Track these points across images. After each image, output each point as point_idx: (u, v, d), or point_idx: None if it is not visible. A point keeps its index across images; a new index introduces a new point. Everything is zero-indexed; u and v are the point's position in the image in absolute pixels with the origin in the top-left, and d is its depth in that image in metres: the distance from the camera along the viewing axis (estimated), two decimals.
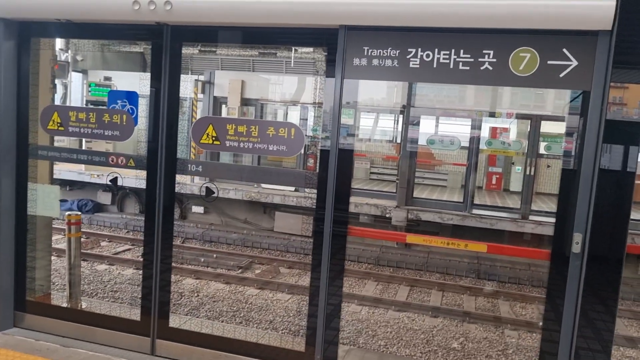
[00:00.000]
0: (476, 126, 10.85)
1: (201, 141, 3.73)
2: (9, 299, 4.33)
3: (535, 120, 10.73)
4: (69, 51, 13.78)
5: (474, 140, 10.75)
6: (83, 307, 5.34)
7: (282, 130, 3.55)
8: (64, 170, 12.16)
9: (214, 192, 4.05)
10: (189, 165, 3.90)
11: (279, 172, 5.12)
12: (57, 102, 13.23)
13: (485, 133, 11.37)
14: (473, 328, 7.10)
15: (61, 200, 12.20)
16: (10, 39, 4.06)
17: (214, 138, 3.69)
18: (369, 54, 3.31)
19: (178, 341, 3.97)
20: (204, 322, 5.81)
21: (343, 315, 7.18)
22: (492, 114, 11.38)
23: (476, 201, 10.94)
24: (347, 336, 6.57)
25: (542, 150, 11.36)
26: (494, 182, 12.89)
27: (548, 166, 12.95)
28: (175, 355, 3.95)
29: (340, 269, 3.64)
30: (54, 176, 4.94)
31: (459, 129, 12.06)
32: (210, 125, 3.71)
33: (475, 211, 10.44)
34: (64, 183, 12.49)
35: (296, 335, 6.01)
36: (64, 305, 5.10)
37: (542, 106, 11.77)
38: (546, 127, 10.95)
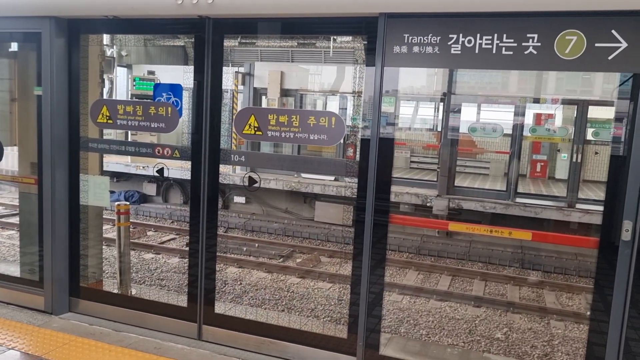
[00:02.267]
0: (519, 113, 10.58)
1: (244, 132, 3.80)
2: (64, 285, 4.55)
3: (582, 106, 10.37)
4: (114, 47, 14.19)
5: (517, 128, 10.49)
6: (133, 293, 5.55)
7: (322, 120, 3.57)
8: (111, 162, 12.60)
9: (256, 182, 4.13)
10: (232, 156, 3.98)
11: (320, 161, 5.15)
12: (104, 96, 13.67)
13: (529, 120, 11.07)
14: (517, 318, 6.98)
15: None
16: (61, 37, 4.23)
17: (256, 128, 3.75)
18: (409, 41, 3.28)
19: (223, 327, 4.08)
20: (248, 309, 5.95)
21: (385, 304, 7.19)
22: (536, 100, 11.06)
23: (520, 189, 10.69)
24: (389, 325, 6.58)
25: (589, 137, 10.97)
26: (538, 169, 12.55)
27: (596, 153, 12.51)
28: (221, 341, 4.06)
29: (382, 257, 3.65)
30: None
31: (502, 116, 11.78)
32: (252, 116, 3.77)
33: (518, 199, 10.21)
34: (111, 175, 12.93)
35: (337, 323, 6.06)
36: (115, 291, 5.31)
37: (589, 91, 11.35)
38: (594, 112, 10.57)
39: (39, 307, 4.51)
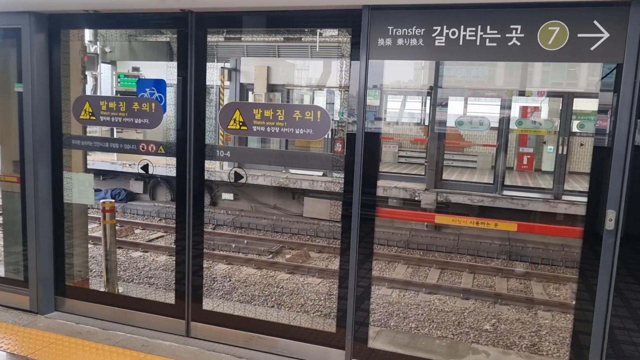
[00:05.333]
0: (506, 106, 10.65)
1: (229, 127, 3.77)
2: (50, 284, 4.50)
3: (568, 98, 10.46)
4: (98, 43, 14.03)
5: (504, 121, 10.56)
6: (120, 291, 5.51)
7: (308, 114, 3.56)
8: (97, 160, 12.47)
9: (242, 177, 4.10)
10: (217, 151, 3.95)
11: (307, 155, 5.16)
12: (88, 93, 13.51)
13: (515, 113, 11.14)
14: (505, 310, 7.04)
15: (95, 190, 12.56)
16: (41, 32, 4.17)
17: (241, 123, 3.73)
18: (394, 33, 3.27)
19: (212, 323, 4.07)
20: (236, 305, 5.93)
21: (374, 298, 7.21)
22: (522, 93, 11.14)
23: (507, 182, 10.78)
24: (379, 318, 6.60)
25: (574, 129, 11.07)
26: (525, 162, 12.65)
27: (581, 144, 12.64)
28: (210, 337, 4.05)
29: (369, 251, 3.65)
30: (88, 166, 5.08)
31: (489, 110, 11.85)
32: (237, 111, 3.75)
33: (505, 192, 10.29)
34: (97, 173, 12.80)
35: (327, 318, 6.07)
36: (102, 290, 5.26)
37: (574, 83, 11.45)
38: (579, 104, 10.66)
39: (24, 307, 4.46)
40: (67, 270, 4.55)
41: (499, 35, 3.08)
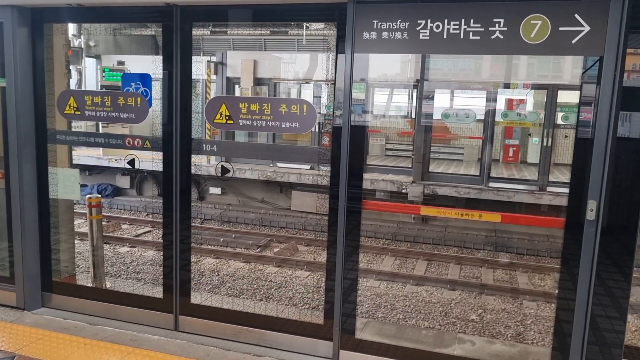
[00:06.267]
0: (492, 98, 10.73)
1: (215, 121, 3.77)
2: (36, 280, 4.48)
3: (552, 90, 10.56)
4: (82, 37, 13.86)
5: (490, 113, 10.64)
6: (107, 287, 5.50)
7: (294, 107, 3.57)
8: (83, 155, 12.36)
9: (229, 171, 4.11)
10: (204, 145, 3.95)
11: (293, 149, 5.18)
12: (73, 88, 13.36)
13: (501, 105, 11.22)
14: (491, 300, 7.14)
15: (81, 185, 12.46)
16: (23, 26, 4.12)
17: (227, 117, 3.73)
18: (379, 27, 3.29)
19: (200, 317, 4.08)
20: (224, 299, 5.95)
21: (362, 290, 7.27)
22: (507, 86, 11.22)
23: (493, 174, 10.87)
24: (367, 310, 6.66)
25: (559, 121, 11.19)
26: (510, 154, 12.75)
27: (566, 136, 12.77)
28: (198, 331, 4.06)
29: (356, 243, 3.68)
30: (73, 162, 5.05)
31: (474, 102, 11.92)
32: (224, 105, 3.75)
33: (491, 184, 10.39)
34: (83, 168, 12.69)
35: (315, 310, 6.11)
36: (89, 285, 5.25)
37: (559, 76, 11.56)
38: (563, 97, 10.77)
39: (10, 304, 4.43)
40: (53, 266, 4.54)
41: (483, 29, 3.11)
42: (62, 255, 4.69)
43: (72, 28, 13.24)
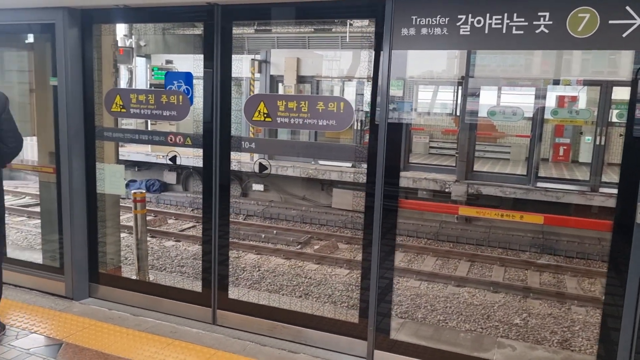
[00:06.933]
0: (541, 95, 10.36)
1: (253, 118, 3.81)
2: (84, 271, 4.65)
3: (606, 87, 10.10)
4: (133, 37, 14.31)
5: (539, 111, 10.29)
6: (150, 279, 5.66)
7: (331, 105, 3.56)
8: (133, 152, 12.78)
9: (266, 168, 4.14)
10: (243, 142, 4.00)
11: (331, 147, 5.16)
12: (124, 86, 13.83)
13: (551, 102, 10.82)
14: (537, 304, 6.91)
15: (131, 181, 12.89)
16: (74, 27, 4.28)
17: (265, 115, 3.76)
18: (417, 23, 3.23)
19: (237, 312, 4.14)
20: (261, 295, 6.01)
21: (402, 290, 7.19)
22: (556, 82, 10.80)
23: (541, 174, 10.52)
24: (406, 310, 6.58)
25: (613, 119, 10.69)
26: (561, 153, 12.31)
27: (620, 135, 12.17)
28: (235, 325, 4.12)
29: (393, 242, 3.64)
30: (123, 158, 5.22)
31: (523, 99, 11.55)
32: (262, 103, 3.78)
33: (540, 184, 10.05)
34: (133, 164, 13.12)
35: (351, 309, 6.09)
36: (133, 277, 5.42)
37: (614, 72, 11.03)
38: (618, 93, 10.28)
39: (60, 293, 4.63)
40: (100, 258, 4.70)
41: (526, 23, 3.00)
42: (108, 247, 4.86)
43: (122, 28, 13.70)
